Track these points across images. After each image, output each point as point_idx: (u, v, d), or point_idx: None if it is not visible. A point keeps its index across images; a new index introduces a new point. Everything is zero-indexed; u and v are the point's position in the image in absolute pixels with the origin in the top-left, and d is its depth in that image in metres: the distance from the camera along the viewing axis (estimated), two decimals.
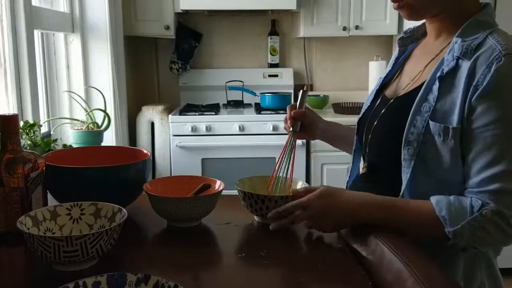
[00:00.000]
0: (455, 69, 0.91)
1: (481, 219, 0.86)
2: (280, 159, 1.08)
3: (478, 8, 0.98)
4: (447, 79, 0.92)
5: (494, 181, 0.86)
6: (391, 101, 1.04)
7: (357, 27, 3.04)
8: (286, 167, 1.08)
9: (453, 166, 0.91)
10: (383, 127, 1.03)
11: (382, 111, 1.04)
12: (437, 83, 0.92)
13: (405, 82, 1.05)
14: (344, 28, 3.05)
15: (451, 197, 0.89)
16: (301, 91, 1.21)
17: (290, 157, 1.09)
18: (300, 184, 1.10)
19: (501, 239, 0.89)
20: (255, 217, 1.06)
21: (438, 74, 0.93)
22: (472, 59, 0.89)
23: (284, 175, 1.08)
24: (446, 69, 0.92)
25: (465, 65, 0.90)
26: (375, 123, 1.04)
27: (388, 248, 0.85)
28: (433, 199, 0.90)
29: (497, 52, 0.87)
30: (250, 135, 2.79)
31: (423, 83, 0.96)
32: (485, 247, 0.93)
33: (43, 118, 2.13)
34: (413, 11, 0.98)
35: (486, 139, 0.87)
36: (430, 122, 0.91)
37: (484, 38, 0.91)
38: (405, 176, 0.95)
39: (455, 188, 0.92)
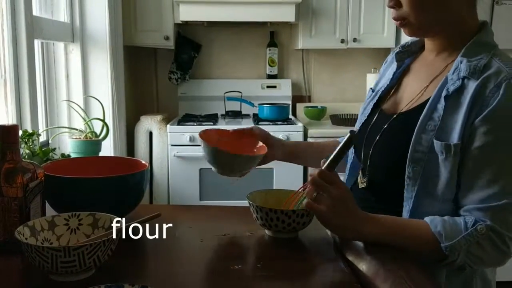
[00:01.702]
0: (461, 88, 0.92)
1: (476, 234, 0.86)
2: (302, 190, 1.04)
3: (477, 26, 0.99)
4: (452, 99, 0.93)
5: (492, 199, 0.87)
6: (394, 116, 1.04)
7: (355, 40, 3.07)
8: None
9: (450, 184, 0.92)
10: (386, 143, 1.03)
11: (384, 126, 1.04)
12: (442, 102, 0.93)
13: (406, 98, 1.05)
14: (342, 41, 3.07)
15: (445, 217, 0.91)
16: (348, 135, 0.93)
17: None
18: None
19: (496, 257, 0.89)
20: (266, 231, 1.06)
21: (444, 93, 0.93)
22: (480, 79, 0.90)
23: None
24: (451, 88, 0.93)
25: (472, 85, 0.91)
26: (377, 138, 1.04)
27: (383, 260, 0.85)
28: (427, 218, 0.91)
29: (504, 73, 0.89)
30: None
31: (426, 101, 0.97)
32: (482, 266, 0.92)
33: (41, 127, 2.14)
34: (414, 29, 1.00)
35: (486, 158, 0.88)
36: (435, 141, 0.92)
37: (489, 59, 0.93)
38: (410, 194, 0.95)
39: (449, 207, 0.93)
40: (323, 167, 0.93)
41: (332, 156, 0.94)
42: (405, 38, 1.11)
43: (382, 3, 3.06)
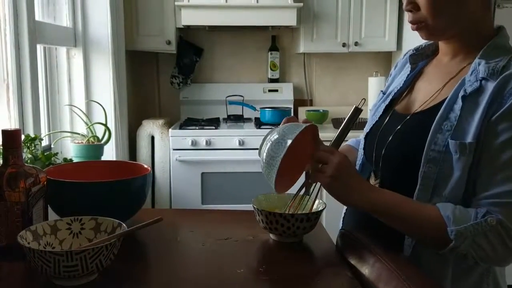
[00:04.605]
0: (479, 89, 0.93)
1: (485, 225, 0.86)
2: (304, 187, 1.04)
3: (493, 30, 1.00)
4: (469, 99, 0.93)
5: (508, 195, 0.87)
6: (408, 117, 1.03)
7: (356, 44, 3.07)
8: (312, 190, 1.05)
9: (459, 183, 0.92)
10: (399, 144, 1.02)
11: (398, 127, 1.03)
12: (459, 102, 0.93)
13: (420, 100, 1.05)
14: (344, 44, 3.08)
15: (457, 205, 0.91)
16: (353, 107, 1.03)
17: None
18: (316, 203, 1.10)
19: (502, 253, 0.88)
20: (271, 235, 1.06)
21: (461, 93, 0.94)
22: (498, 80, 0.91)
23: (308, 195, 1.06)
24: (469, 89, 0.93)
25: (490, 86, 0.91)
26: (390, 138, 1.04)
27: (385, 264, 0.85)
28: (438, 204, 0.92)
29: None
30: (250, 150, 2.80)
31: (442, 102, 0.97)
32: (486, 260, 0.91)
33: (44, 131, 2.15)
34: (431, 32, 1.00)
35: (505, 155, 0.88)
36: (450, 140, 0.92)
37: (507, 61, 0.93)
38: (424, 194, 0.94)
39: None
40: (329, 145, 1.01)
41: (337, 134, 1.04)
42: (406, 42, 1.12)
43: (383, 7, 3.07)
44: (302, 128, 0.94)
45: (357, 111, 1.02)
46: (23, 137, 1.55)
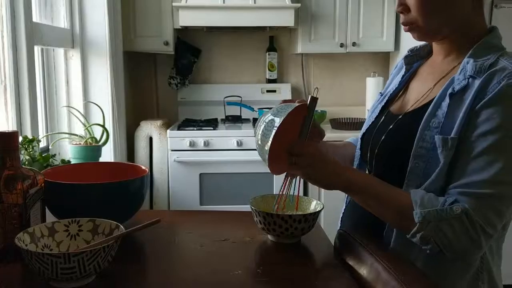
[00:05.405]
0: (466, 86, 0.94)
1: (450, 212, 0.87)
2: (284, 184, 1.05)
3: (486, 30, 1.01)
4: (456, 97, 0.94)
5: (478, 186, 0.88)
6: (400, 117, 1.05)
7: (354, 44, 3.08)
8: (293, 185, 1.06)
9: (438, 175, 0.92)
10: (391, 142, 1.04)
11: (390, 126, 1.05)
12: (447, 100, 0.94)
13: (413, 99, 1.06)
14: (341, 45, 3.08)
15: (428, 193, 0.92)
16: (309, 96, 1.01)
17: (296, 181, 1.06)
18: (314, 204, 1.10)
19: (465, 243, 0.88)
20: (269, 236, 1.06)
21: (449, 91, 0.95)
22: (484, 76, 0.91)
23: (292, 193, 1.07)
24: (457, 87, 0.94)
25: (476, 83, 0.92)
26: (383, 138, 1.05)
27: (384, 265, 0.85)
28: (412, 190, 0.94)
29: (509, 70, 0.90)
30: (248, 150, 2.80)
31: (431, 100, 0.98)
32: (449, 249, 0.90)
33: (41, 133, 2.14)
34: (422, 34, 1.01)
35: (481, 146, 0.89)
36: (436, 136, 0.93)
37: (496, 59, 0.94)
38: (410, 189, 0.95)
39: None
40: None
41: (300, 127, 1.00)
42: (404, 42, 1.12)
43: (381, 7, 3.07)
44: (292, 108, 0.96)
45: (314, 100, 1.01)
46: (20, 138, 1.55)
